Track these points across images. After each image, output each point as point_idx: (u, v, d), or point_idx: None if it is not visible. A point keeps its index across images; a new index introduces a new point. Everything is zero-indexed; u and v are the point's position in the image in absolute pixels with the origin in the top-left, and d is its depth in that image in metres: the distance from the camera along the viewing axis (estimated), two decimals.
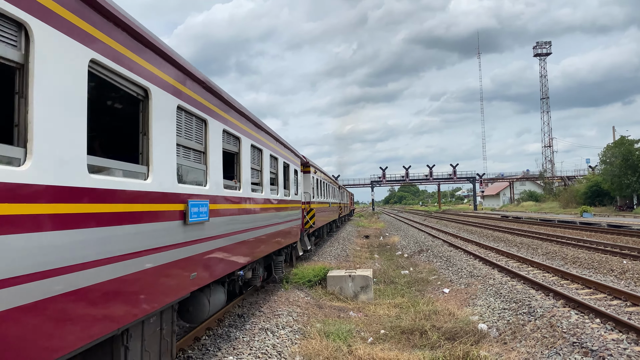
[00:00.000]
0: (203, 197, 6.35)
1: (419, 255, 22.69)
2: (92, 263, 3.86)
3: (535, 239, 26.25)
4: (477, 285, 13.89)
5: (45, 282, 3.33)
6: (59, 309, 3.49)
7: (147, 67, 4.99)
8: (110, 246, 4.13)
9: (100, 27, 4.14)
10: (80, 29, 3.84)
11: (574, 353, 7.61)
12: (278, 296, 12.30)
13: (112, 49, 4.32)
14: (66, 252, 3.56)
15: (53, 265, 3.41)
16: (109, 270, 4.11)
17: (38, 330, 3.32)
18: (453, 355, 8.07)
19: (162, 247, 5.11)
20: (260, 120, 10.30)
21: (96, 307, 3.98)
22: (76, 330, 3.72)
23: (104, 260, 4.02)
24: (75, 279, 3.64)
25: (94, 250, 3.88)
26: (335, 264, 18.37)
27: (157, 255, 5.00)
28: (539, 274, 15.14)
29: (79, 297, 3.71)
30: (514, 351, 8.22)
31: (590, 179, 71.84)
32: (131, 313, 4.54)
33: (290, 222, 13.55)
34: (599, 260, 17.09)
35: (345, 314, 11.44)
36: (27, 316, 3.20)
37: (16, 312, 3.09)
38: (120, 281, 4.28)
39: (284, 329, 9.54)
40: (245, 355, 7.81)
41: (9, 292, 3.02)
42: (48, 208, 3.39)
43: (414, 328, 9.83)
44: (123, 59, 4.50)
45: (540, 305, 10.45)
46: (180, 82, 5.91)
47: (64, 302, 3.54)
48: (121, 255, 4.30)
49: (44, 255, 3.32)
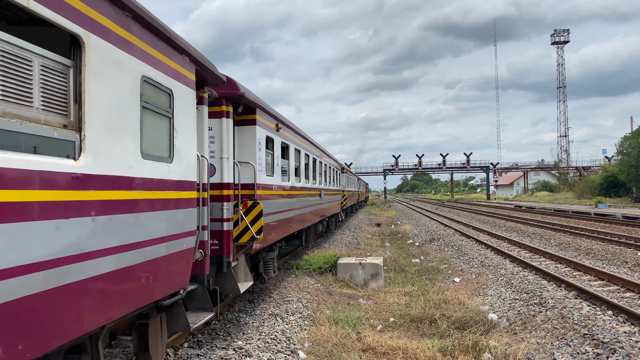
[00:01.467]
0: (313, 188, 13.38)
1: (430, 244, 22.63)
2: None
3: (549, 229, 26.02)
4: (488, 275, 13.82)
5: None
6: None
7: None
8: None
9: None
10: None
11: (585, 344, 7.54)
12: (288, 282, 12.35)
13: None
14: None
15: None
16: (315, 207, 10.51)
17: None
18: (462, 345, 8.05)
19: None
20: (325, 148, 19.62)
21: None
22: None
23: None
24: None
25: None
26: (346, 251, 18.40)
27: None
28: (551, 264, 15.02)
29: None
30: (524, 342, 8.18)
31: (606, 170, 70.85)
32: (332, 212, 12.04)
33: (335, 202, 23.38)
34: (613, 251, 16.91)
35: (355, 301, 11.46)
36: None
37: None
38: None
39: (293, 315, 9.59)
40: (255, 340, 7.87)
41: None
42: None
43: (424, 316, 9.82)
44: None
45: (551, 296, 10.37)
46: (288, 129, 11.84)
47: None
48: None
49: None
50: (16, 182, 3.05)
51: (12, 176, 3.01)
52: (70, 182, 3.53)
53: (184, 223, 5.60)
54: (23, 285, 3.09)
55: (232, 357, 7.02)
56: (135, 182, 4.47)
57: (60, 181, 3.43)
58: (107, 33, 4.03)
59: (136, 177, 4.48)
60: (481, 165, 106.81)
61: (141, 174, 4.58)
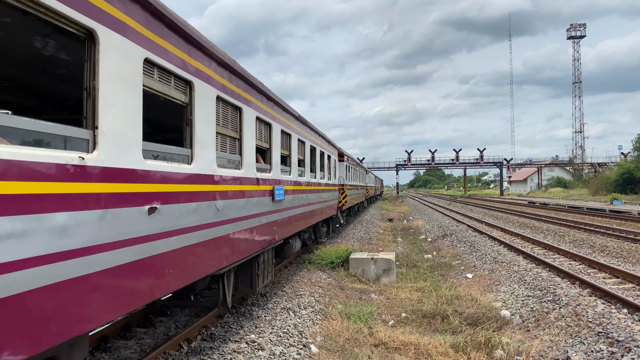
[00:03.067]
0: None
1: (442, 240, 22.55)
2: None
3: (563, 226, 25.78)
4: (501, 272, 13.75)
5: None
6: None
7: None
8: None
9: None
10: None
11: (599, 343, 7.48)
12: (300, 276, 12.40)
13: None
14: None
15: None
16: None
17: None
18: (474, 341, 8.02)
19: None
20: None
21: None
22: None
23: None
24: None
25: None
26: (358, 246, 18.40)
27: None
28: (565, 261, 14.89)
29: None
30: (537, 339, 8.14)
31: (622, 166, 69.89)
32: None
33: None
34: (629, 249, 16.71)
35: (367, 296, 11.47)
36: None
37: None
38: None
39: (305, 309, 9.63)
40: (267, 334, 7.91)
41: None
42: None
43: (436, 312, 9.80)
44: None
45: (565, 294, 10.29)
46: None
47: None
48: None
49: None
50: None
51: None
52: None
53: (335, 194, 19.11)
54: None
55: (244, 351, 7.08)
56: (329, 185, 16.90)
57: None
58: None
59: (329, 183, 17.36)
60: (494, 161, 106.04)
61: (332, 181, 18.34)
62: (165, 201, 4.86)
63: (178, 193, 5.15)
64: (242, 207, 7.27)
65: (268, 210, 8.80)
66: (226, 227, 6.56)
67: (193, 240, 5.50)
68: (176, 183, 5.12)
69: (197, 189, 5.62)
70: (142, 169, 4.49)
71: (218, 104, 6.47)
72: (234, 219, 6.89)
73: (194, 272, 5.60)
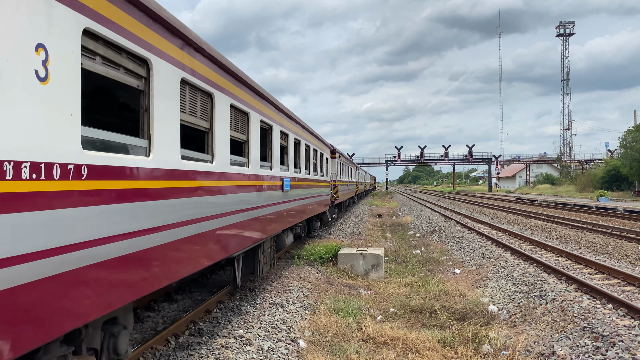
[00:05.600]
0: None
1: (431, 236, 22.66)
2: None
3: (550, 222, 26.02)
4: (488, 267, 13.85)
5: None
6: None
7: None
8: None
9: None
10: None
11: (584, 338, 7.57)
12: (289, 272, 12.39)
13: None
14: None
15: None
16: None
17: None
18: (462, 336, 8.08)
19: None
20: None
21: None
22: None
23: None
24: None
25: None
26: (347, 241, 18.43)
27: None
28: (552, 257, 15.04)
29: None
30: (524, 334, 8.21)
31: (609, 163, 70.62)
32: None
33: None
34: (614, 245, 16.91)
35: (356, 291, 11.50)
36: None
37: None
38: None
39: (294, 304, 9.63)
40: (255, 329, 7.91)
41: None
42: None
43: (424, 307, 9.85)
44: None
45: (552, 289, 10.39)
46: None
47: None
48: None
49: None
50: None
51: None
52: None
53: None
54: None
55: (232, 346, 7.06)
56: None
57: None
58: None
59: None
60: (483, 157, 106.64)
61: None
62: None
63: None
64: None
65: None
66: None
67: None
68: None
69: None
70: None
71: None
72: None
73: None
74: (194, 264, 6.01)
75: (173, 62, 5.31)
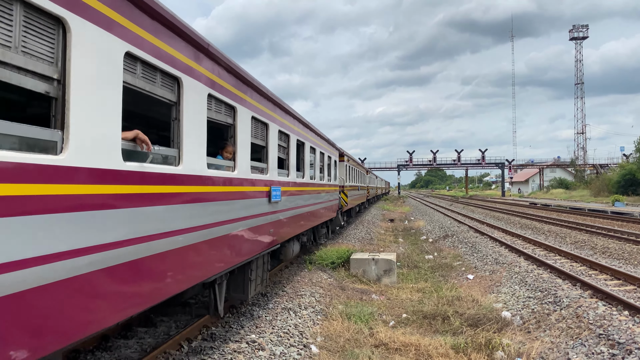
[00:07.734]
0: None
1: (443, 241, 22.53)
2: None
3: (564, 227, 25.74)
4: (502, 273, 13.73)
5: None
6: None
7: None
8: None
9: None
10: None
11: (600, 345, 7.47)
12: (301, 277, 12.40)
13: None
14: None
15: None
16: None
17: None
18: (475, 342, 8.02)
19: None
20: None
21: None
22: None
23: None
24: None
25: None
26: (359, 246, 18.40)
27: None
28: (566, 263, 14.87)
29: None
30: (538, 340, 8.13)
31: (624, 167, 69.73)
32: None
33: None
34: (630, 250, 16.68)
35: (368, 296, 11.47)
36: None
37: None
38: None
39: (306, 309, 9.63)
40: (268, 334, 7.92)
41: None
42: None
43: (437, 313, 9.79)
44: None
45: (566, 295, 10.27)
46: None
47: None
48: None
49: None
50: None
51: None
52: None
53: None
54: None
55: (245, 350, 7.08)
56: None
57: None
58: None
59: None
60: (496, 161, 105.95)
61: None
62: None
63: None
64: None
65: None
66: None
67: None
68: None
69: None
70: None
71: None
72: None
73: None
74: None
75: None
